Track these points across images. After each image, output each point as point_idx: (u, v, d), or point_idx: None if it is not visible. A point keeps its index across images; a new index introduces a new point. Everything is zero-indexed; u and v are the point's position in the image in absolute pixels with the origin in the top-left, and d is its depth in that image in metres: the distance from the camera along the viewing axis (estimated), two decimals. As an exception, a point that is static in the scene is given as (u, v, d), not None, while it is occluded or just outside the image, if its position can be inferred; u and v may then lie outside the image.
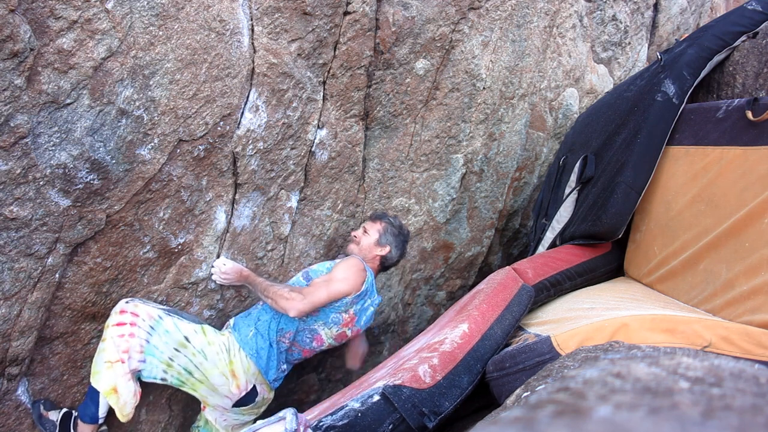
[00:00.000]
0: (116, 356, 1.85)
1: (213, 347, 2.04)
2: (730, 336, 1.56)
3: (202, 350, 2.01)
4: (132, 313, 1.91)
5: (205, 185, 2.02)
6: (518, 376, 1.60)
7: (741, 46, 2.53)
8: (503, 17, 2.60)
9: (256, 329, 2.13)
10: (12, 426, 1.87)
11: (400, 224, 2.37)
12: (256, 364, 2.10)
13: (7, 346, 1.75)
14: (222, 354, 2.05)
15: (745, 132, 2.03)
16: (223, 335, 2.10)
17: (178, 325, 1.98)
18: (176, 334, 1.97)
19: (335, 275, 2.12)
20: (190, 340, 1.99)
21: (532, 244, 3.04)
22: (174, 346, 1.97)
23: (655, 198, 2.40)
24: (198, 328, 2.04)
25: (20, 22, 1.43)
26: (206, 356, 2.02)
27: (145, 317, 1.92)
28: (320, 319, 2.16)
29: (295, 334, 2.16)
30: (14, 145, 1.54)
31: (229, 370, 2.06)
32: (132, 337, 1.88)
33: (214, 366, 2.03)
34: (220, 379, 2.05)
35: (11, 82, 1.47)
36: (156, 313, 1.95)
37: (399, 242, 2.34)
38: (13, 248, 1.65)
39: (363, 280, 2.15)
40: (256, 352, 2.10)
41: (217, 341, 2.06)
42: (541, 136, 3.21)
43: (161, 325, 1.94)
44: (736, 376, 0.63)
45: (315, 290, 2.06)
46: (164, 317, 1.96)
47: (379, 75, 2.36)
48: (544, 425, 0.49)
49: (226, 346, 2.07)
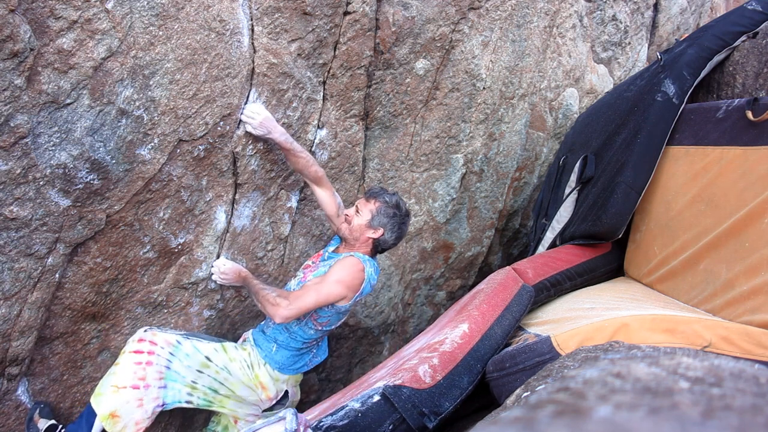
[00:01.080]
0: (128, 382, 1.83)
1: (235, 363, 2.05)
2: (730, 336, 1.56)
3: (225, 367, 2.03)
4: (150, 341, 1.91)
5: (205, 185, 2.02)
6: (518, 376, 1.60)
7: (741, 46, 2.53)
8: (503, 17, 2.60)
9: (277, 345, 2.13)
10: (12, 426, 1.87)
11: (396, 202, 2.11)
12: (287, 373, 2.13)
13: (7, 346, 1.75)
14: (245, 369, 2.07)
15: (745, 132, 2.03)
16: (245, 350, 2.12)
17: (198, 347, 1.99)
18: (197, 356, 1.97)
19: (329, 277, 1.99)
20: (212, 359, 2.00)
21: (532, 244, 3.04)
22: (197, 368, 1.98)
23: (655, 198, 2.40)
24: (218, 347, 2.05)
25: (20, 22, 1.43)
26: (230, 372, 2.04)
27: (163, 344, 1.92)
28: (330, 325, 2.14)
29: (317, 337, 2.16)
30: (14, 145, 1.54)
31: (256, 383, 2.08)
32: (150, 366, 1.87)
33: (238, 380, 2.05)
34: (246, 391, 2.07)
35: (11, 82, 1.47)
36: (174, 338, 1.95)
37: (394, 224, 2.10)
38: (13, 248, 1.65)
39: (361, 281, 2.03)
40: (281, 364, 2.11)
41: (239, 357, 2.08)
42: (541, 136, 3.21)
43: (180, 350, 1.95)
44: (736, 376, 0.63)
45: (303, 295, 1.95)
46: (183, 342, 1.97)
47: (379, 75, 2.36)
48: (544, 425, 0.49)
49: (248, 361, 2.09)
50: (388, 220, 2.08)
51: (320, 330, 2.12)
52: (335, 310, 2.06)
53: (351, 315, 2.79)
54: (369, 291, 2.10)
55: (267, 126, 2.01)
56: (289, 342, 2.12)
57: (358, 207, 2.12)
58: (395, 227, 2.10)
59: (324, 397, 2.91)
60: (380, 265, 2.77)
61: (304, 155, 2.09)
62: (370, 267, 2.07)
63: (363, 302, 2.80)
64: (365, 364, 3.08)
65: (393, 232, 2.11)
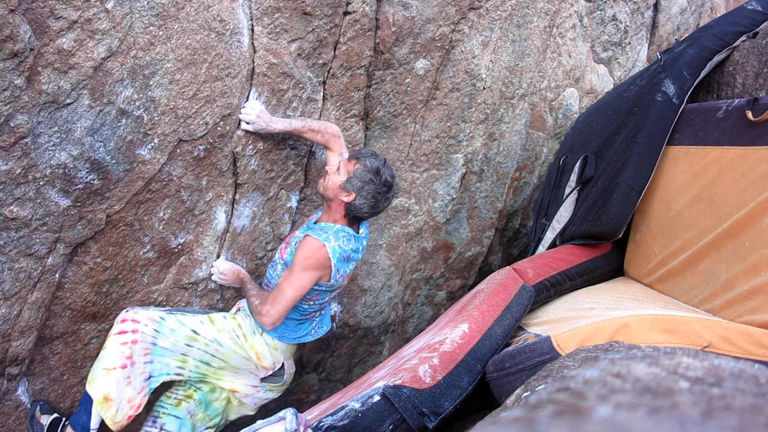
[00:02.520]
0: (116, 363, 1.82)
1: (224, 334, 2.00)
2: (730, 336, 1.56)
3: (214, 339, 1.98)
4: (132, 320, 1.89)
5: (205, 185, 2.02)
6: (518, 376, 1.60)
7: (741, 46, 2.53)
8: (503, 17, 2.60)
9: None
10: (12, 426, 1.87)
11: (377, 168, 1.91)
12: (286, 341, 2.07)
13: (7, 346, 1.75)
14: (237, 339, 2.01)
15: (745, 132, 2.03)
16: (234, 319, 2.06)
17: (183, 321, 1.95)
18: (183, 330, 1.94)
19: (294, 268, 1.90)
20: (199, 332, 1.96)
21: (532, 244, 3.04)
22: (185, 343, 1.94)
23: (655, 198, 2.40)
24: (204, 318, 2.00)
25: (20, 22, 1.43)
26: (220, 343, 1.99)
27: (147, 322, 1.89)
28: (321, 299, 2.06)
29: (313, 309, 2.09)
30: (14, 145, 1.54)
31: (252, 353, 2.03)
32: (135, 344, 1.86)
33: (231, 350, 2.00)
34: (240, 361, 2.03)
35: (11, 82, 1.47)
36: (157, 315, 1.93)
37: (369, 191, 1.90)
38: (13, 248, 1.65)
39: (326, 256, 1.90)
40: (280, 333, 2.05)
41: (228, 327, 2.02)
42: (541, 136, 3.21)
43: (165, 325, 1.92)
44: (736, 376, 0.63)
45: (279, 295, 1.90)
46: (166, 317, 1.94)
47: (379, 75, 2.36)
48: (544, 425, 0.49)
49: (239, 331, 2.03)
50: (362, 185, 1.90)
51: (315, 304, 2.06)
52: (320, 288, 1.99)
53: (351, 315, 2.79)
54: (346, 265, 1.99)
55: (263, 119, 2.00)
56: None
57: (340, 166, 1.98)
58: (369, 195, 1.91)
59: (324, 397, 2.91)
60: (380, 263, 2.77)
61: (317, 128, 2.09)
62: (335, 241, 1.92)
63: (363, 302, 2.80)
64: (365, 364, 3.08)
65: (366, 199, 1.91)
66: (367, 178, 1.90)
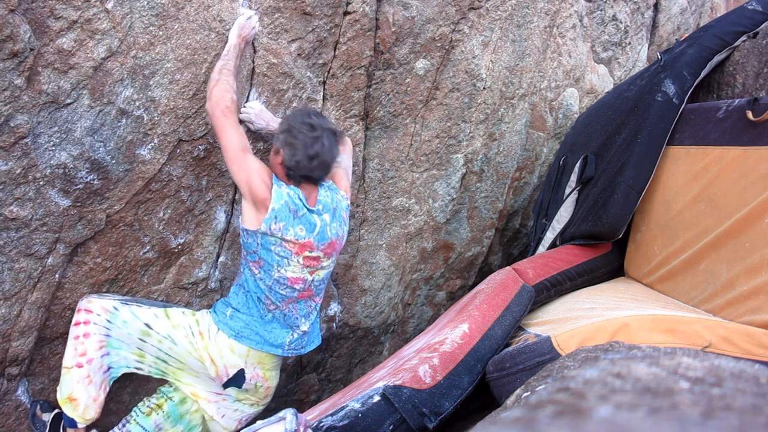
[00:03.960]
0: (72, 362, 1.77)
1: (179, 331, 1.83)
2: (730, 336, 1.56)
3: (168, 335, 1.82)
4: (86, 309, 1.79)
5: (205, 185, 2.02)
6: (518, 376, 1.60)
7: (741, 46, 2.53)
8: (503, 17, 2.60)
9: (233, 308, 1.88)
10: (12, 426, 1.87)
11: (291, 115, 1.82)
12: (245, 343, 1.85)
13: (7, 346, 1.75)
14: (192, 337, 1.84)
15: (745, 132, 2.03)
16: (193, 315, 1.90)
17: (136, 313, 1.81)
18: (135, 323, 1.80)
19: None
20: (152, 327, 1.82)
21: (532, 244, 3.04)
22: (138, 337, 1.81)
23: (656, 198, 2.40)
24: (160, 312, 1.84)
25: (20, 22, 1.43)
26: (174, 341, 1.83)
27: (100, 311, 1.79)
28: (267, 266, 1.82)
29: (273, 296, 1.86)
30: (14, 145, 1.54)
31: (205, 354, 1.83)
32: (87, 337, 1.77)
33: (185, 350, 1.84)
34: (195, 364, 1.86)
35: (11, 82, 1.47)
36: (111, 304, 1.80)
37: (292, 139, 1.74)
38: (13, 248, 1.65)
39: (270, 174, 1.77)
40: (237, 332, 1.85)
41: (184, 323, 1.85)
42: (541, 136, 3.20)
43: (118, 317, 1.80)
44: (736, 376, 0.63)
45: (227, 124, 1.69)
46: (120, 308, 1.81)
47: (379, 75, 2.36)
48: (544, 425, 0.49)
49: (198, 327, 1.86)
50: (284, 137, 1.76)
51: (259, 275, 1.83)
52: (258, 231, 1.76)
53: (351, 315, 2.79)
54: (291, 220, 1.78)
55: (264, 118, 1.96)
56: (246, 303, 1.87)
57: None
58: (294, 142, 1.74)
59: (324, 397, 2.91)
60: (380, 263, 2.77)
61: None
62: (286, 189, 1.78)
63: (363, 302, 2.80)
64: (365, 364, 3.08)
65: (293, 148, 1.74)
66: (284, 127, 1.77)
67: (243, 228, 1.82)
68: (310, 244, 1.85)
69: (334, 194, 1.96)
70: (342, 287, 2.73)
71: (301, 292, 1.91)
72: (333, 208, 1.92)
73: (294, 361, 2.72)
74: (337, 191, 1.98)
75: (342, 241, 1.99)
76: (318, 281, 1.96)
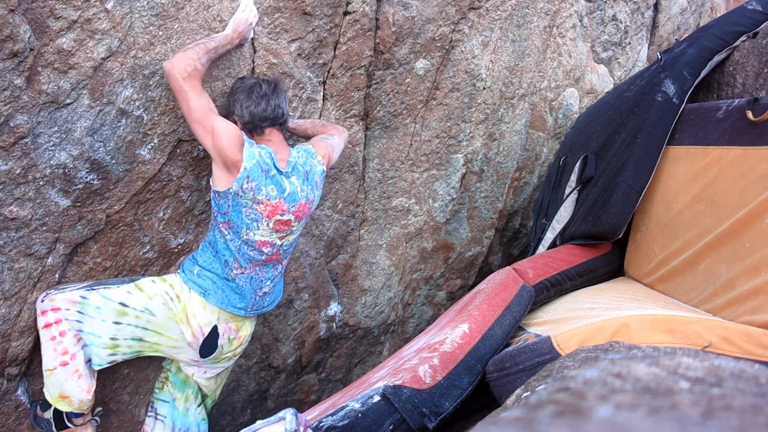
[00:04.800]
0: (55, 362, 1.74)
1: (156, 300, 1.83)
2: (730, 336, 1.56)
3: (145, 308, 1.81)
4: (52, 309, 1.74)
5: (205, 185, 2.02)
6: (518, 376, 1.60)
7: (741, 46, 2.53)
8: (503, 17, 2.60)
9: (200, 266, 1.88)
10: (12, 426, 1.87)
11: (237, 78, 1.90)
12: (213, 301, 1.86)
13: (7, 347, 1.75)
14: (171, 302, 1.84)
15: (745, 132, 2.03)
16: (164, 281, 1.88)
17: (107, 295, 1.78)
18: (109, 305, 1.77)
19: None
20: (128, 304, 1.79)
21: (532, 244, 3.04)
22: (113, 320, 1.79)
23: (656, 198, 2.40)
24: (131, 287, 1.82)
25: (20, 22, 1.43)
26: (152, 311, 1.82)
27: (67, 306, 1.74)
28: (237, 228, 1.81)
29: (241, 257, 1.86)
30: (14, 145, 1.54)
31: (183, 317, 1.85)
32: (63, 336, 1.74)
33: (165, 318, 1.84)
34: (176, 330, 1.87)
35: (11, 82, 1.47)
36: (77, 295, 1.76)
37: (237, 97, 1.81)
38: (13, 248, 1.65)
39: (241, 137, 1.74)
40: (205, 289, 1.86)
41: (159, 291, 1.84)
42: (541, 136, 3.20)
43: (88, 305, 1.76)
44: (736, 376, 0.63)
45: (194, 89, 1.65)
46: (88, 295, 1.77)
47: (379, 75, 2.36)
48: (544, 425, 0.49)
49: (174, 291, 1.86)
50: (229, 101, 1.84)
51: (229, 236, 1.82)
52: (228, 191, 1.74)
53: (351, 315, 2.79)
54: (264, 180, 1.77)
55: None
56: (212, 262, 1.87)
57: None
58: (233, 101, 1.82)
59: (324, 397, 2.91)
60: (380, 263, 2.77)
61: (317, 125, 2.15)
62: (257, 149, 1.79)
63: (363, 302, 2.80)
64: (365, 364, 3.08)
65: (240, 102, 1.80)
66: (229, 91, 1.86)
67: (214, 190, 1.79)
68: (281, 206, 1.84)
69: (310, 158, 1.95)
70: (342, 287, 2.73)
71: (269, 256, 1.92)
72: (306, 171, 1.91)
73: (294, 361, 2.72)
74: (314, 156, 1.97)
75: (312, 205, 1.98)
76: (287, 245, 1.97)
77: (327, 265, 2.63)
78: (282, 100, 1.86)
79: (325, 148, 2.03)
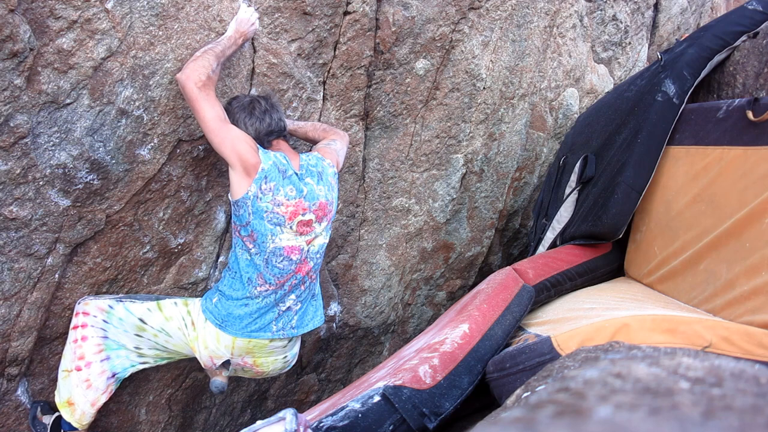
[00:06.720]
0: (72, 365, 1.78)
1: (172, 323, 1.84)
2: (730, 336, 1.56)
3: (162, 329, 1.84)
4: (83, 312, 1.81)
5: (205, 185, 2.02)
6: (518, 376, 1.60)
7: (741, 46, 2.53)
8: (503, 17, 2.60)
9: (219, 294, 1.85)
10: (12, 426, 1.87)
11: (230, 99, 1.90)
12: (230, 333, 1.81)
13: (7, 346, 1.75)
14: (186, 329, 1.84)
15: (745, 132, 2.03)
16: (186, 305, 1.87)
17: (130, 309, 1.82)
18: (130, 319, 1.82)
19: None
20: (147, 321, 1.83)
21: (533, 244, 3.04)
22: (134, 333, 1.83)
23: (656, 198, 2.40)
24: (153, 305, 1.84)
25: (20, 22, 1.43)
26: (168, 333, 1.85)
27: (96, 312, 1.80)
28: (262, 238, 1.77)
29: (269, 271, 1.81)
30: (14, 145, 1.54)
31: (195, 346, 1.85)
32: (85, 341, 1.79)
33: (181, 342, 1.86)
34: (190, 353, 1.92)
35: (11, 82, 1.47)
36: (106, 304, 1.81)
37: (239, 115, 1.82)
38: (12, 248, 1.65)
39: (255, 146, 1.76)
40: (223, 319, 1.81)
41: (177, 314, 1.84)
42: (542, 136, 3.20)
43: (113, 315, 1.81)
44: (736, 376, 0.63)
45: (208, 98, 1.66)
46: (115, 306, 1.82)
47: (379, 75, 2.36)
48: (544, 426, 0.49)
49: (190, 317, 1.84)
50: (232, 119, 1.81)
51: (254, 251, 1.79)
52: (246, 198, 1.73)
53: (351, 315, 2.79)
54: (282, 180, 1.77)
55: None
56: (232, 284, 1.82)
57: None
58: (236, 119, 1.82)
59: (324, 397, 2.91)
60: (380, 263, 2.77)
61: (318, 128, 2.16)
62: (272, 152, 1.82)
63: (363, 302, 2.80)
64: (365, 364, 3.08)
65: (241, 123, 1.81)
66: (235, 108, 1.85)
67: (233, 201, 1.78)
68: (302, 204, 1.82)
69: (320, 161, 1.96)
70: (342, 287, 2.73)
71: (299, 264, 1.85)
72: (318, 172, 1.91)
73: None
74: (323, 159, 1.98)
75: (332, 206, 1.96)
76: (314, 252, 1.91)
77: (327, 265, 2.63)
78: (281, 113, 1.92)
79: (331, 154, 2.04)
